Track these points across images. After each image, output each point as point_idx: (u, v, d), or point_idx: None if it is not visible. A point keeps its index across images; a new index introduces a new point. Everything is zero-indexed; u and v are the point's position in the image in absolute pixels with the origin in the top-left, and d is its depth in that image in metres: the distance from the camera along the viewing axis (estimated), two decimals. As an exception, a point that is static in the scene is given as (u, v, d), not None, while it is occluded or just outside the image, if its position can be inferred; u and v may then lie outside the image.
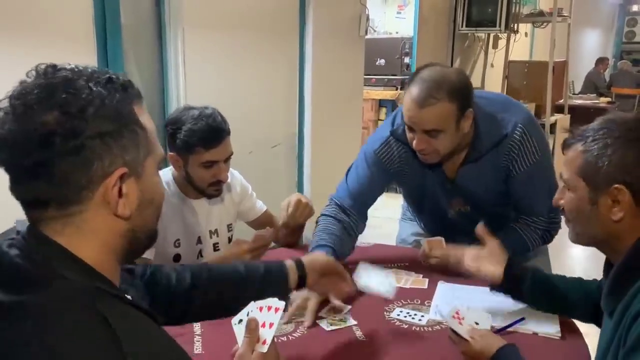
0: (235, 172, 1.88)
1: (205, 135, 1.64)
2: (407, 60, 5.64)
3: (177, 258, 1.75)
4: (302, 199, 1.85)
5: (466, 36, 6.07)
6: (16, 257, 0.73)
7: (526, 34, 7.33)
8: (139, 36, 2.71)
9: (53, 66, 0.75)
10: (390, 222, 1.66)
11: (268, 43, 3.41)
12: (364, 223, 1.83)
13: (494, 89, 6.09)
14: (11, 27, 2.09)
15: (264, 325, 0.93)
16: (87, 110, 0.71)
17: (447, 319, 1.28)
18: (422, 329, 1.40)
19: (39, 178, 0.72)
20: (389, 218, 2.86)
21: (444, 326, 1.39)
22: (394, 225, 2.24)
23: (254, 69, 3.32)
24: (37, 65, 0.75)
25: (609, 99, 8.48)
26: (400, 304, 1.51)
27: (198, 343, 1.30)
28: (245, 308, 0.97)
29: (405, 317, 1.44)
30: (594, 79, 9.71)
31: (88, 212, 0.74)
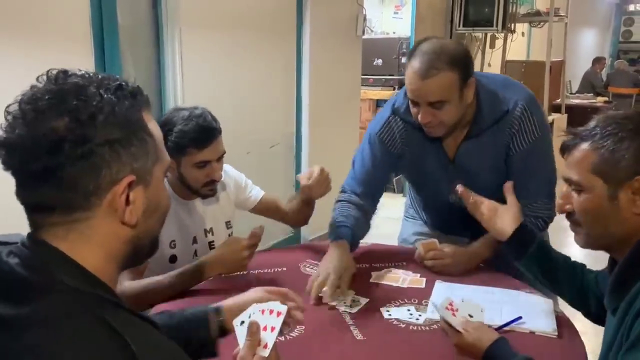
0: (227, 168, 1.85)
1: (197, 135, 1.64)
2: (404, 60, 5.65)
3: (173, 259, 1.75)
4: (325, 169, 1.79)
5: (463, 36, 6.08)
6: (17, 266, 0.72)
7: (523, 34, 7.35)
8: (136, 37, 2.71)
9: (64, 72, 0.76)
10: (389, 222, 1.66)
11: (265, 43, 3.41)
12: (375, 207, 1.87)
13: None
14: (8, 28, 2.09)
15: (265, 328, 0.93)
16: (97, 117, 0.72)
17: (441, 310, 1.28)
18: (419, 328, 1.40)
19: (47, 183, 0.71)
20: (388, 218, 2.86)
21: (441, 325, 1.40)
22: (394, 225, 2.24)
23: (252, 70, 3.32)
24: (48, 71, 0.75)
25: (606, 99, 8.51)
26: (397, 303, 1.51)
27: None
28: (247, 310, 0.97)
29: (403, 316, 1.45)
30: (591, 78, 9.74)
31: (94, 219, 0.75)
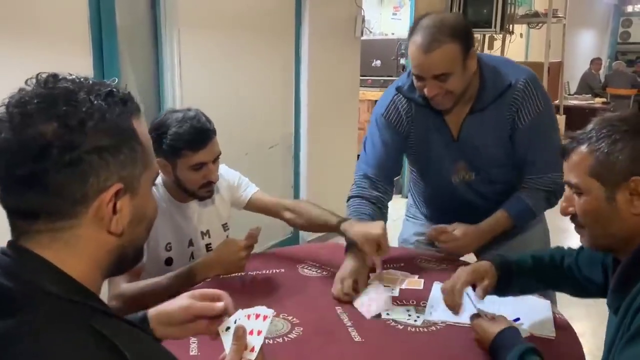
0: (220, 169, 1.80)
1: (192, 137, 1.63)
2: (402, 61, 5.65)
3: (169, 262, 1.74)
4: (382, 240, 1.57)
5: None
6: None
7: (521, 35, 7.35)
8: (135, 37, 2.71)
9: (54, 76, 0.74)
10: (389, 222, 1.67)
11: (264, 44, 3.41)
12: (392, 189, 1.89)
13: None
14: (7, 29, 2.09)
15: (252, 332, 0.92)
16: (86, 124, 0.70)
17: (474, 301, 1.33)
18: (417, 329, 1.40)
19: (33, 189, 0.70)
20: (388, 218, 2.84)
21: (439, 327, 1.40)
22: (393, 226, 2.24)
23: (250, 70, 3.32)
24: (37, 74, 0.74)
25: (604, 100, 8.53)
26: (395, 304, 1.51)
27: (194, 345, 1.30)
28: (233, 316, 0.96)
29: (401, 317, 1.45)
30: (589, 79, 9.76)
31: (80, 227, 0.73)
